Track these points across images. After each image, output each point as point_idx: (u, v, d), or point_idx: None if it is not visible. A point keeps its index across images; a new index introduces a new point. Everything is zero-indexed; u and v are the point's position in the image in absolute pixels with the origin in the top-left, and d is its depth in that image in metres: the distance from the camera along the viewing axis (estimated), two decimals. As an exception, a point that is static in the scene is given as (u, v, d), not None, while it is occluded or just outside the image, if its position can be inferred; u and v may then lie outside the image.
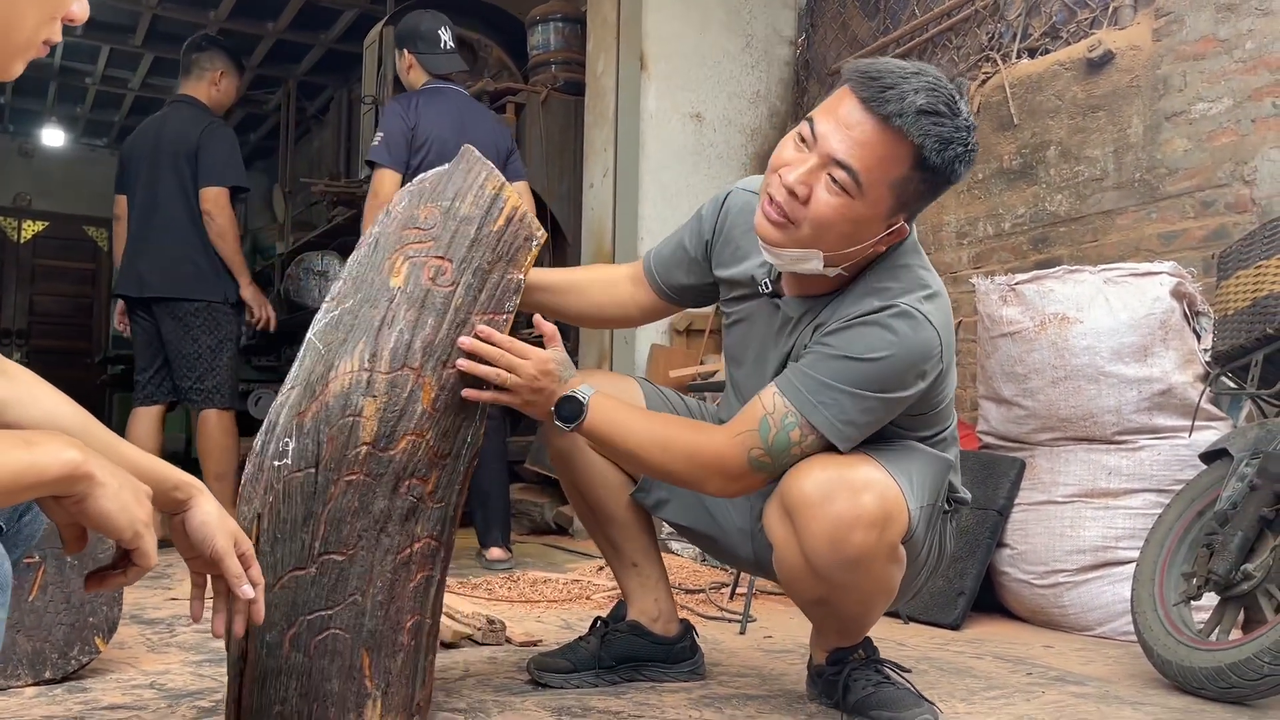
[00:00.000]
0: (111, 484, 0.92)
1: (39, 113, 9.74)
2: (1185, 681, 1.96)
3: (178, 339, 3.72)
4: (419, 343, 1.52)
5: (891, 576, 1.60)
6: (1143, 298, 2.57)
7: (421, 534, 1.51)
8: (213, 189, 3.71)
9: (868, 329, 1.53)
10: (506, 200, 1.62)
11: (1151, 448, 2.56)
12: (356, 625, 1.49)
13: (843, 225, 1.50)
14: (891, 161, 1.47)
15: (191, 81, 3.95)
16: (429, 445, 1.51)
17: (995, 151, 3.52)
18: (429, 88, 3.58)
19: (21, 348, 10.35)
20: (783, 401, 1.55)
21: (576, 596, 2.86)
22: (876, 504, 1.51)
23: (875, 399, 1.53)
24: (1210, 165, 2.90)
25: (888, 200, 1.50)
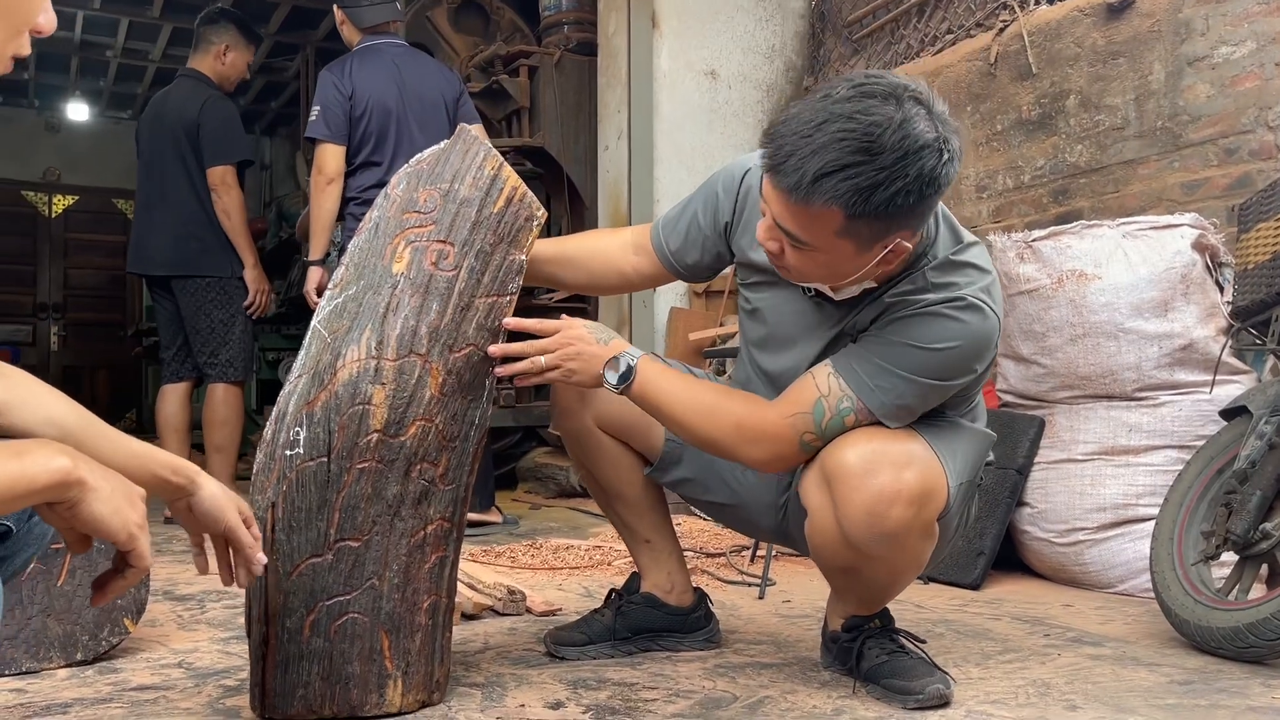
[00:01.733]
0: (104, 488, 0.95)
1: (63, 87, 9.79)
2: (1203, 641, 1.96)
3: (191, 315, 3.77)
4: (425, 329, 1.54)
5: (924, 552, 1.61)
6: (1163, 251, 2.52)
7: (434, 516, 1.55)
8: (218, 168, 3.72)
9: (936, 320, 1.52)
10: (506, 180, 1.61)
11: (1173, 403, 2.53)
12: (375, 609, 1.53)
13: (822, 269, 1.51)
14: (822, 223, 1.41)
15: (198, 55, 3.96)
16: (438, 430, 1.54)
17: (1014, 102, 3.45)
18: (362, 47, 3.47)
19: (58, 321, 10.52)
20: (839, 384, 1.55)
21: (598, 563, 2.89)
22: (918, 481, 1.51)
23: (932, 385, 1.55)
24: (1234, 111, 2.83)
25: (849, 244, 1.44)
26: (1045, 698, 1.68)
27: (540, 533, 3.57)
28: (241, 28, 4.01)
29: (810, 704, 1.65)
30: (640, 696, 1.67)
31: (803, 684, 1.76)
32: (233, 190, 3.74)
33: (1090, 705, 1.64)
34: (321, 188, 3.34)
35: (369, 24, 3.51)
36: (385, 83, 3.36)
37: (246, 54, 4.01)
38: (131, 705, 1.62)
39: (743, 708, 1.62)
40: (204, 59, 3.94)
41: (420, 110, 3.39)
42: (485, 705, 1.62)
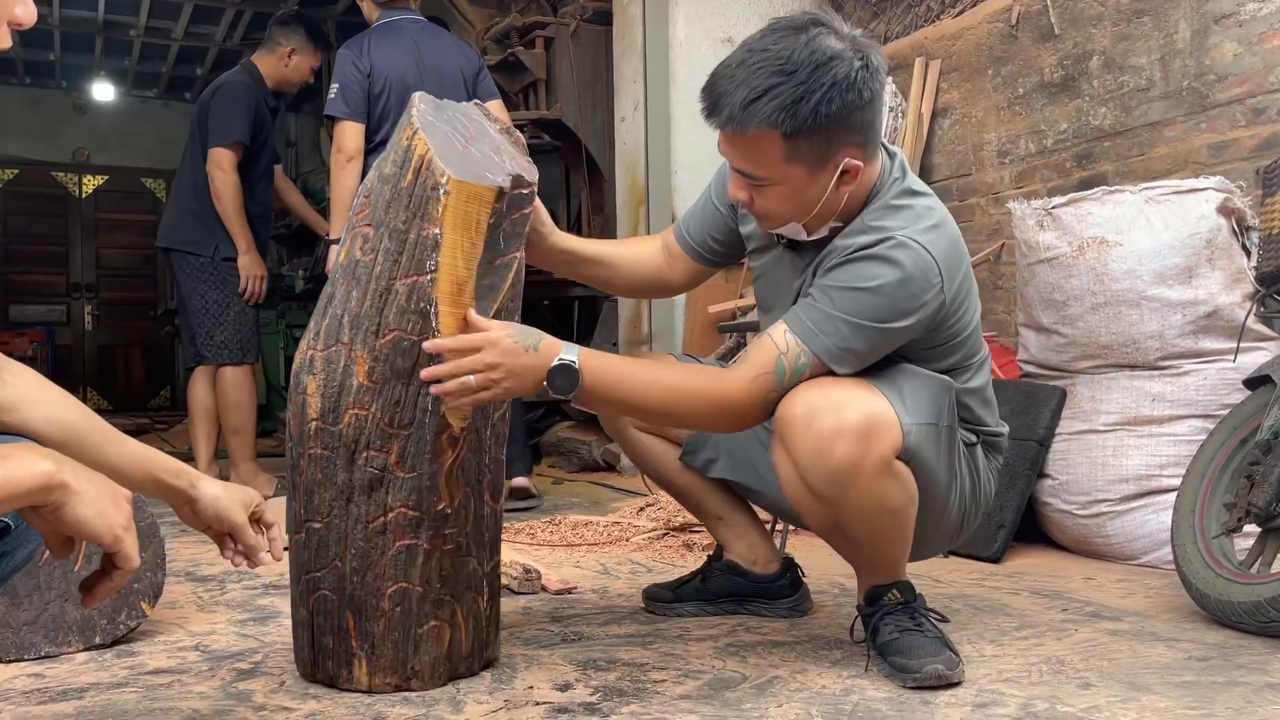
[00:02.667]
0: (87, 491, 0.95)
1: (89, 68, 9.85)
2: (1224, 615, 1.93)
3: (187, 294, 3.79)
4: (347, 317, 1.55)
5: (889, 495, 1.58)
6: (1186, 216, 2.46)
7: (394, 504, 1.55)
8: (214, 150, 3.70)
9: (866, 262, 1.57)
10: (415, 149, 1.53)
11: (1197, 372, 2.48)
12: (340, 588, 1.59)
13: (788, 203, 1.59)
14: (766, 149, 1.52)
15: (263, 52, 3.97)
16: (375, 418, 1.53)
17: (1036, 64, 3.37)
18: (380, 24, 3.46)
19: (91, 301, 10.66)
20: (794, 340, 1.58)
21: (616, 539, 2.89)
22: (860, 417, 1.52)
23: (874, 329, 1.56)
24: (1261, 70, 2.75)
25: (797, 169, 1.54)
26: (1059, 675, 1.66)
27: (561, 508, 3.58)
28: (311, 32, 3.99)
29: (820, 683, 1.64)
30: (649, 678, 1.67)
31: (813, 662, 1.75)
32: (226, 174, 3.70)
33: (1104, 683, 1.62)
34: (341, 165, 3.33)
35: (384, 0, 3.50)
36: (403, 59, 3.35)
37: (312, 59, 3.99)
38: (146, 689, 1.64)
39: (751, 688, 1.62)
40: (267, 58, 3.95)
41: (439, 86, 3.37)
42: (494, 687, 1.62)
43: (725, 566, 2.10)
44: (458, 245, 1.51)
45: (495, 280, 1.58)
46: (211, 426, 3.90)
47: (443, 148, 1.53)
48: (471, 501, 1.61)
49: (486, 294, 1.57)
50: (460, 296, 1.53)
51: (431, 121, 1.57)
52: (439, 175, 1.49)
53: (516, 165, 1.61)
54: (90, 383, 10.62)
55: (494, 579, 1.68)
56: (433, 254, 1.50)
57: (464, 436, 1.56)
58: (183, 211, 3.81)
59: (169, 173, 10.60)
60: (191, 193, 3.80)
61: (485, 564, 1.65)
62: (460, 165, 1.52)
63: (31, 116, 10.25)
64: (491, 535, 1.66)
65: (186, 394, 3.97)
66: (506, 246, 1.59)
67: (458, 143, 1.57)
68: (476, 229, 1.53)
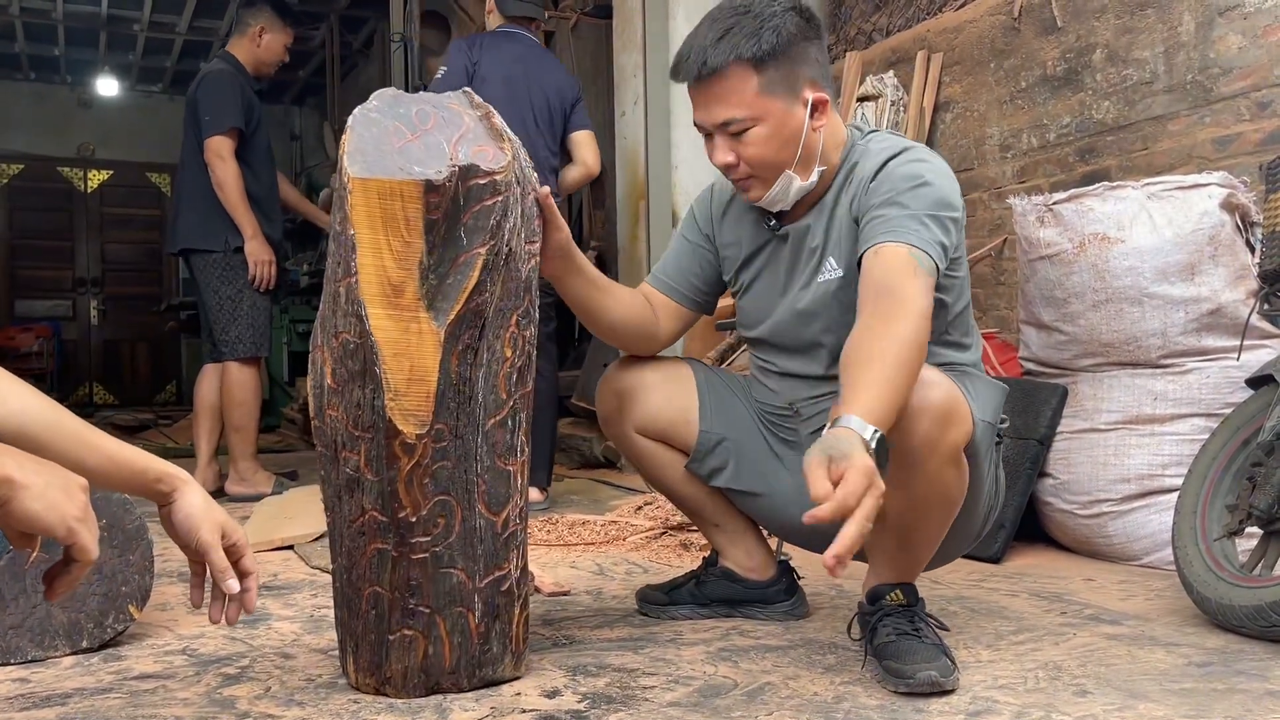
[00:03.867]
0: (35, 484, 0.93)
1: (93, 62, 9.86)
2: (1225, 619, 1.90)
3: (202, 291, 3.78)
4: (318, 320, 1.57)
5: (950, 485, 1.58)
6: (1189, 212, 2.42)
7: (368, 506, 1.54)
8: (212, 139, 3.67)
9: (907, 165, 1.66)
10: (343, 145, 1.50)
11: (1200, 370, 2.45)
12: (337, 583, 1.63)
13: (772, 143, 1.68)
14: (742, 86, 1.65)
15: (235, 38, 3.95)
16: (342, 418, 1.53)
17: (1039, 58, 3.33)
18: (498, 30, 3.61)
19: (97, 296, 10.68)
20: (904, 244, 1.57)
21: (613, 539, 2.87)
22: (942, 398, 1.51)
23: (946, 218, 1.61)
24: (1267, 63, 2.70)
25: (773, 102, 1.66)
26: (1055, 682, 1.64)
27: (559, 506, 3.56)
28: (277, 8, 3.97)
29: (812, 690, 1.61)
30: (639, 684, 1.65)
31: (806, 668, 1.73)
32: (226, 162, 3.67)
33: (1101, 690, 1.59)
34: None
35: (511, 14, 3.61)
36: (510, 66, 3.45)
37: (283, 36, 3.97)
38: (130, 695, 1.63)
39: (742, 695, 1.59)
40: (240, 42, 3.93)
41: (535, 103, 3.45)
42: (481, 694, 1.60)
43: (721, 572, 2.07)
44: (381, 245, 1.47)
45: (457, 278, 1.53)
46: (214, 423, 3.89)
47: (369, 144, 1.49)
48: (458, 512, 1.57)
49: (444, 295, 1.53)
50: (399, 298, 1.49)
51: (374, 118, 1.54)
52: (344, 174, 1.47)
53: (476, 155, 1.53)
54: (96, 378, 10.65)
55: (495, 596, 1.60)
56: (352, 254, 1.46)
57: (422, 443, 1.52)
58: (189, 211, 3.79)
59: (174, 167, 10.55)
60: (197, 192, 3.77)
61: (477, 579, 1.59)
62: (379, 161, 1.47)
63: (36, 112, 10.26)
64: (487, 549, 1.61)
65: (195, 388, 3.97)
66: (469, 242, 1.53)
67: (398, 137, 1.52)
68: (408, 226, 1.48)
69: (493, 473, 1.61)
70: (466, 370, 1.56)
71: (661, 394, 1.95)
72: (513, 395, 1.62)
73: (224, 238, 3.74)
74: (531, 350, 1.66)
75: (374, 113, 1.54)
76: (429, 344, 1.52)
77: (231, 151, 3.69)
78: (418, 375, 1.54)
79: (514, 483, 1.64)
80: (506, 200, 1.55)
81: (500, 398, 1.60)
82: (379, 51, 8.59)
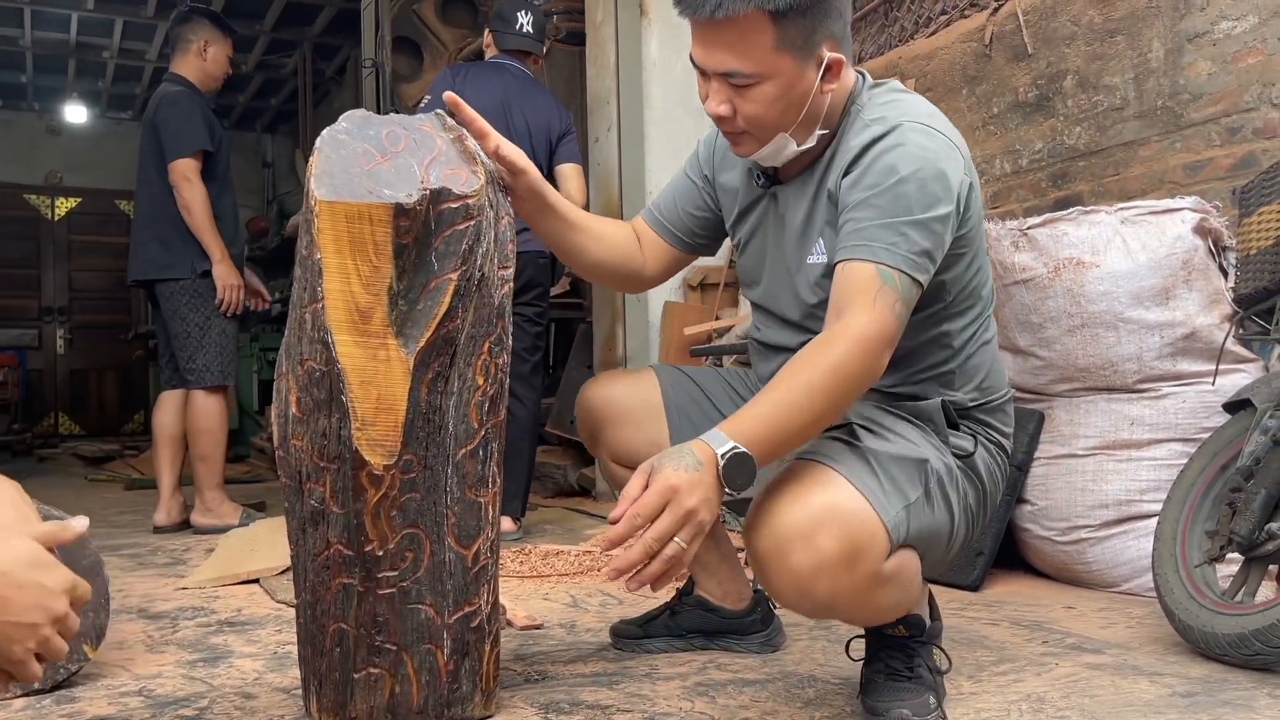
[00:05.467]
0: None
1: (62, 90, 9.77)
2: (1208, 647, 1.87)
3: (169, 319, 3.70)
4: (285, 346, 1.53)
5: (885, 597, 1.44)
6: (1163, 237, 2.42)
7: (333, 539, 1.49)
8: (177, 162, 3.60)
9: (883, 155, 1.47)
10: (308, 170, 1.46)
11: (1176, 395, 2.44)
12: (301, 619, 1.57)
13: (775, 105, 1.49)
14: (755, 36, 1.44)
15: (179, 57, 3.88)
16: (307, 448, 1.48)
17: (1010, 84, 3.35)
18: (489, 61, 3.61)
19: (64, 324, 10.52)
20: (872, 265, 1.42)
21: (587, 569, 2.82)
22: (837, 545, 1.33)
23: (928, 219, 1.43)
24: (1236, 88, 2.72)
25: (786, 60, 1.46)
26: (1039, 714, 1.60)
27: (533, 535, 3.50)
28: (215, 21, 3.93)
29: (791, 726, 1.57)
30: (613, 721, 1.60)
31: (785, 703, 1.68)
32: (193, 184, 3.60)
33: (1085, 723, 1.56)
34: None
35: (508, 48, 3.61)
36: (493, 96, 3.43)
37: (225, 46, 3.92)
38: (83, 740, 1.56)
39: (719, 732, 1.55)
40: (185, 60, 3.86)
41: (517, 134, 3.43)
42: (449, 734, 1.55)
43: (695, 601, 2.03)
44: (348, 270, 1.43)
45: (428, 304, 1.48)
46: (177, 454, 3.80)
47: (337, 166, 1.45)
48: (427, 545, 1.52)
49: (414, 321, 1.48)
50: (367, 324, 1.44)
51: (343, 139, 1.49)
52: (311, 197, 1.42)
53: (448, 179, 1.49)
54: (63, 407, 10.47)
55: (464, 633, 1.55)
56: (319, 280, 1.41)
57: (389, 475, 1.48)
58: (150, 240, 3.70)
59: (143, 195, 10.51)
60: (159, 217, 3.69)
61: (446, 615, 1.54)
62: (347, 184, 1.43)
63: (3, 139, 10.14)
64: (457, 584, 1.55)
65: (153, 417, 3.87)
66: (441, 267, 1.48)
67: (367, 160, 1.48)
68: (376, 251, 1.43)
69: (463, 504, 1.56)
70: (437, 399, 1.52)
71: (631, 424, 1.86)
72: (484, 424, 1.58)
73: (190, 263, 3.66)
74: (504, 378, 1.62)
75: (343, 134, 1.50)
76: (397, 372, 1.48)
77: (198, 173, 3.62)
78: (386, 404, 1.49)
79: (485, 515, 1.59)
80: (479, 224, 1.52)
81: (471, 427, 1.56)
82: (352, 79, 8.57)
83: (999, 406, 1.68)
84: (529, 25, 3.64)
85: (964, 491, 1.56)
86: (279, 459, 1.58)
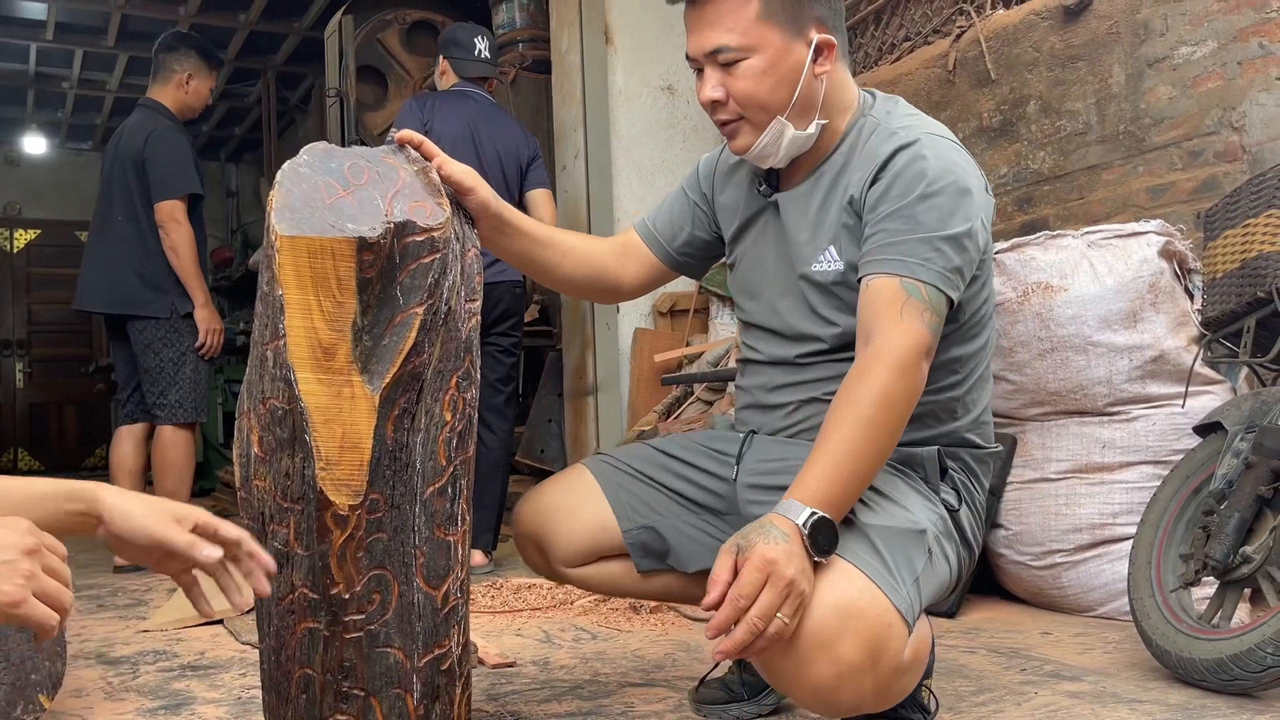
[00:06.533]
0: None
1: (20, 120, 9.64)
2: (1186, 673, 1.86)
3: (140, 353, 3.62)
4: (245, 386, 1.49)
5: (906, 683, 1.36)
6: (1129, 260, 2.44)
7: (298, 583, 1.43)
8: (165, 203, 3.55)
9: (915, 164, 1.46)
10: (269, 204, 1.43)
11: (1146, 417, 2.44)
12: (265, 665, 1.50)
13: (764, 82, 1.49)
14: (739, 9, 1.47)
15: (158, 85, 3.82)
16: (270, 489, 1.43)
17: (974, 109, 3.37)
18: (452, 90, 3.58)
19: (23, 358, 10.33)
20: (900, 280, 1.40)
21: (560, 603, 2.78)
22: (858, 650, 1.26)
23: (956, 234, 1.42)
24: (1197, 113, 2.75)
25: (772, 32, 1.48)
26: (1020, 746, 1.58)
27: (504, 568, 3.45)
28: (203, 54, 3.87)
29: (770, 764, 1.54)
30: (589, 763, 1.56)
31: (764, 740, 1.65)
32: (181, 226, 3.56)
33: (1067, 754, 1.54)
34: None
35: (469, 75, 3.59)
36: (461, 124, 3.43)
37: (209, 80, 3.88)
38: (36, 797, 1.50)
39: (697, 772, 1.51)
40: (165, 89, 3.81)
41: (488, 163, 3.43)
42: (420, 781, 1.50)
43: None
44: (310, 305, 1.38)
45: (393, 339, 1.45)
46: (137, 487, 3.72)
47: (299, 200, 1.41)
48: (394, 586, 1.47)
49: (379, 357, 1.44)
50: (331, 361, 1.40)
51: (304, 173, 1.45)
52: (272, 231, 1.38)
53: (412, 211, 1.44)
54: (22, 443, 10.25)
55: (434, 676, 1.50)
56: (280, 316, 1.37)
57: (355, 515, 1.43)
58: (129, 275, 3.62)
59: (105, 226, 10.41)
60: (136, 253, 3.61)
61: (415, 658, 1.49)
62: (309, 218, 1.39)
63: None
64: (426, 626, 1.51)
65: (110, 452, 3.79)
66: (406, 301, 1.45)
67: (329, 193, 1.44)
68: (340, 286, 1.39)
69: (431, 544, 1.52)
70: (403, 436, 1.47)
71: (569, 518, 1.73)
72: (453, 461, 1.54)
73: (170, 303, 3.60)
74: (473, 413, 1.58)
75: (304, 167, 1.47)
76: (362, 409, 1.44)
77: (185, 215, 3.58)
78: (350, 443, 1.45)
79: (455, 554, 1.55)
80: (445, 257, 1.48)
81: (439, 464, 1.52)
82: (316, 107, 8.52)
83: (986, 459, 1.63)
84: (486, 50, 3.63)
85: (956, 542, 1.52)
86: (240, 500, 1.53)
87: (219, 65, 3.95)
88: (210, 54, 3.90)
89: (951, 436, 1.57)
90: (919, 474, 1.52)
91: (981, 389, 1.61)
